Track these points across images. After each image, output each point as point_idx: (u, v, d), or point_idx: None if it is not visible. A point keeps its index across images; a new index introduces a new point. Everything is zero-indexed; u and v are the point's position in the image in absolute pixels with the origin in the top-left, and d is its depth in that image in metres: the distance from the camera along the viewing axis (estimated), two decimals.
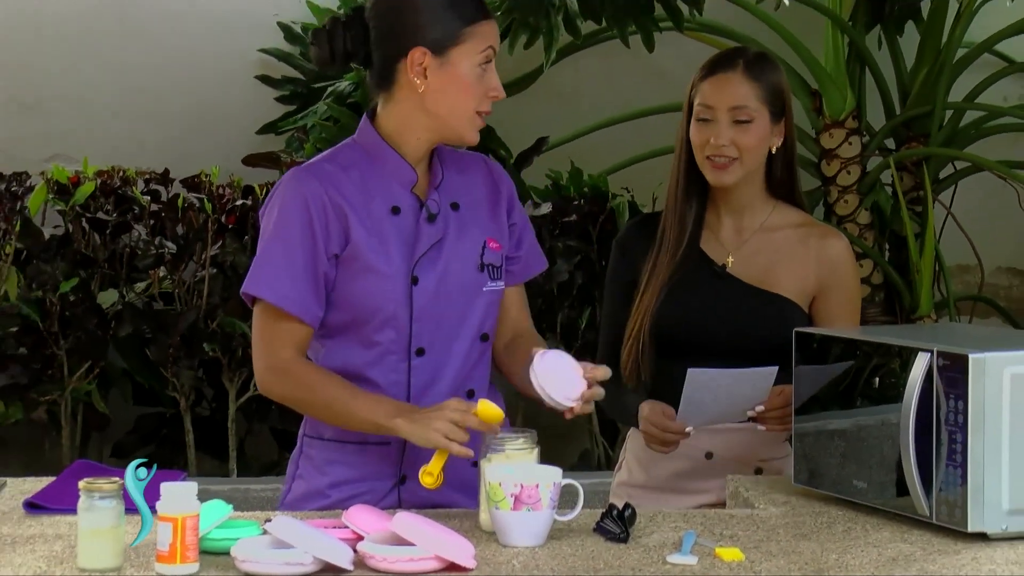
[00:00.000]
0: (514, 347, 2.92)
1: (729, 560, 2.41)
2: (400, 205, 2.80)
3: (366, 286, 2.77)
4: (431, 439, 2.61)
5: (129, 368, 5.48)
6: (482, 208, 2.89)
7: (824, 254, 3.18)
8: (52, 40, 5.96)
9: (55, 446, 5.35)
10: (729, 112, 3.10)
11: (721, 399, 3.01)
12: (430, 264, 2.79)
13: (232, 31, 6.07)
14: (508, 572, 2.35)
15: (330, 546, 2.31)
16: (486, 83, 2.76)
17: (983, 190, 6.01)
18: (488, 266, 2.85)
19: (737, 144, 3.10)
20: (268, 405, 5.43)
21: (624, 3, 4.74)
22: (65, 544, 2.45)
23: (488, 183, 2.92)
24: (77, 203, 5.39)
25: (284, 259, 2.75)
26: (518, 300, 2.97)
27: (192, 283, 5.33)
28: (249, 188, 5.48)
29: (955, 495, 2.52)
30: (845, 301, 3.20)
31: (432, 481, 2.61)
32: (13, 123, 5.92)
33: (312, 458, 2.87)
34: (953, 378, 2.52)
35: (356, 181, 2.79)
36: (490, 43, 2.77)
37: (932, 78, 5.63)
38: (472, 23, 2.74)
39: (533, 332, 2.98)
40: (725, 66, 3.16)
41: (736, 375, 2.99)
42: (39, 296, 5.22)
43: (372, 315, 2.78)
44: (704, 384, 2.98)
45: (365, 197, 2.78)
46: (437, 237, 2.80)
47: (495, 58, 2.79)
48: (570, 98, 6.02)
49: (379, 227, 2.78)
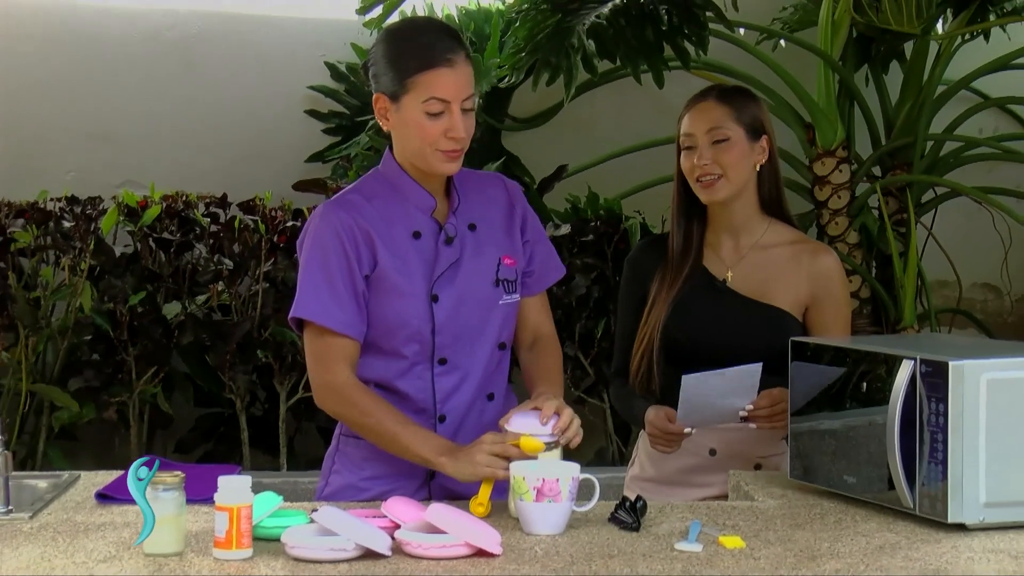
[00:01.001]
0: (535, 351, 2.93)
1: (731, 547, 2.40)
2: (421, 229, 2.79)
3: (392, 305, 2.77)
4: (477, 473, 2.60)
5: (190, 373, 5.49)
6: (498, 227, 2.87)
7: (816, 268, 3.17)
8: (124, 79, 5.98)
9: (124, 443, 5.36)
10: (707, 135, 3.12)
11: (714, 399, 3.01)
12: (449, 282, 2.78)
13: (284, 71, 6.08)
14: (531, 558, 2.34)
15: (370, 534, 2.31)
16: (442, 125, 2.71)
17: (961, 213, 5.99)
18: (503, 281, 2.84)
19: (718, 162, 3.10)
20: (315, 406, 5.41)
21: (636, 44, 4.74)
22: (132, 531, 2.45)
23: (504, 203, 2.90)
24: (145, 224, 5.41)
25: (326, 284, 2.74)
26: (537, 308, 2.96)
27: (247, 296, 5.33)
28: (299, 211, 5.50)
29: (936, 489, 2.50)
30: (836, 311, 3.18)
31: (484, 510, 2.59)
32: (89, 153, 5.94)
33: (348, 455, 2.87)
34: (934, 383, 2.51)
35: (380, 209, 2.79)
36: (432, 93, 2.70)
37: (914, 112, 5.61)
38: (415, 74, 2.70)
39: (552, 337, 2.97)
40: (700, 98, 3.20)
41: (724, 374, 2.99)
42: (110, 308, 5.24)
43: (398, 331, 2.77)
44: (698, 386, 2.98)
45: (388, 223, 2.78)
46: (455, 257, 2.79)
47: (462, 99, 2.70)
48: (587, 130, 6.02)
49: (402, 251, 2.77)
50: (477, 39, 5.85)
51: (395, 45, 2.74)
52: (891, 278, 5.53)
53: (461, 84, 2.71)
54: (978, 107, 5.92)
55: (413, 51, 2.71)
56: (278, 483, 4.71)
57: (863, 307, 5.49)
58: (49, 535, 2.47)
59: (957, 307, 6.07)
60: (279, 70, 6.08)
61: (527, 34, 4.89)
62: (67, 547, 2.39)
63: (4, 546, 2.40)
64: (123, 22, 6.00)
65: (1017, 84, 6.08)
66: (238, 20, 6.09)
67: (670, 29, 4.77)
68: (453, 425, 2.80)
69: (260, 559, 2.32)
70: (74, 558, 2.32)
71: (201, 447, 5.54)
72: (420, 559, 2.31)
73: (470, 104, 2.74)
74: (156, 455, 4.34)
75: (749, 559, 2.34)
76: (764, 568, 2.29)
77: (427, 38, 2.73)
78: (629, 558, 2.34)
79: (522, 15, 4.99)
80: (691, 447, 3.14)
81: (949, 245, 5.92)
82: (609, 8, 4.72)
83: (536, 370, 2.89)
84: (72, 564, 2.28)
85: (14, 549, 2.38)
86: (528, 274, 2.92)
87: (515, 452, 2.58)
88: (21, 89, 5.92)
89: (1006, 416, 2.50)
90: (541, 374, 2.87)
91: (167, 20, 6.04)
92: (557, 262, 2.99)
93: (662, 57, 4.81)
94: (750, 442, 3.14)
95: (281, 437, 5.36)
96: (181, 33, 6.04)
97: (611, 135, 5.87)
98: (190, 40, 6.04)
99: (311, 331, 2.77)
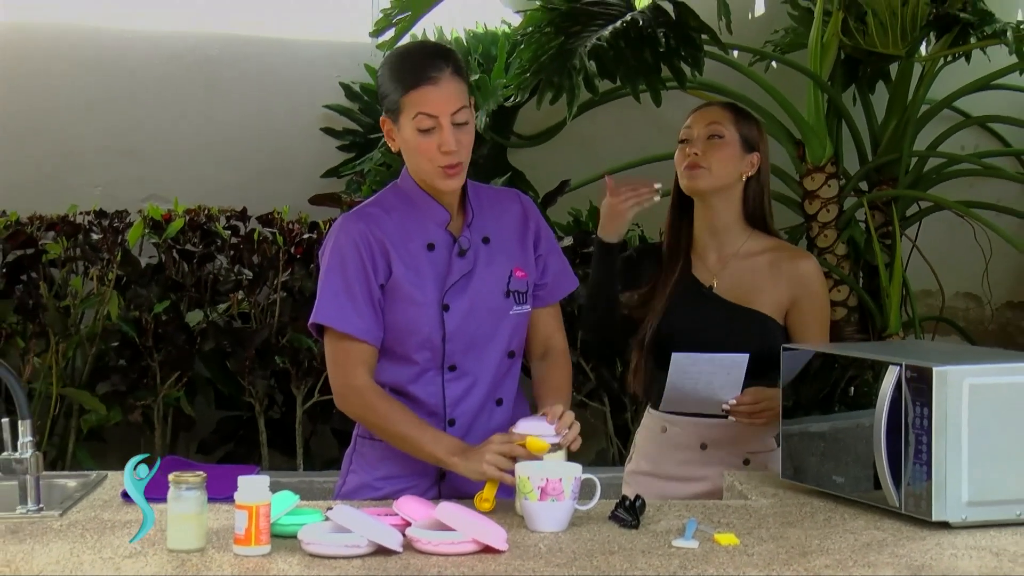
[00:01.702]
0: (546, 364, 2.91)
1: (726, 544, 2.40)
2: (435, 242, 2.79)
3: (405, 312, 2.76)
4: (484, 472, 2.60)
5: (212, 377, 5.49)
6: (512, 240, 2.86)
7: (795, 273, 3.18)
8: (149, 99, 5.99)
9: (149, 444, 5.36)
10: (704, 129, 3.17)
11: (700, 383, 3.03)
12: (460, 292, 2.77)
13: (300, 91, 6.09)
14: (535, 554, 2.34)
15: (383, 531, 2.31)
16: (435, 140, 2.69)
17: (944, 226, 5.99)
18: (514, 292, 2.83)
19: (708, 155, 3.14)
20: (330, 409, 5.43)
21: (635, 65, 4.74)
22: (156, 528, 2.44)
23: (519, 217, 2.89)
24: (169, 236, 5.42)
25: (345, 292, 2.74)
26: (549, 319, 2.94)
27: (265, 305, 5.33)
28: (315, 224, 5.50)
29: (921, 489, 2.50)
30: (815, 311, 3.19)
31: (489, 506, 2.60)
32: (116, 169, 5.95)
33: (365, 455, 2.86)
34: (919, 388, 2.50)
35: (396, 222, 2.78)
36: (419, 109, 2.68)
37: (899, 130, 5.61)
38: (404, 94, 2.70)
39: (564, 351, 2.95)
40: (706, 104, 3.28)
41: (713, 359, 3.02)
42: (136, 316, 5.24)
43: (410, 337, 2.77)
44: (686, 367, 3.02)
45: (404, 235, 2.77)
46: (467, 269, 2.79)
47: (451, 113, 2.67)
48: (589, 146, 6.02)
49: (416, 261, 2.77)
50: (484, 60, 5.85)
51: (389, 70, 2.74)
52: (877, 288, 5.53)
53: (446, 99, 2.68)
54: (960, 125, 5.93)
55: (401, 73, 2.71)
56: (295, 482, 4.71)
57: (851, 315, 5.49)
58: (78, 532, 2.47)
59: (940, 315, 6.06)
60: (296, 90, 6.09)
61: (532, 55, 4.89)
62: (95, 543, 2.39)
63: (35, 542, 2.40)
64: (148, 45, 6.01)
65: (997, 103, 6.09)
66: (257, 43, 6.10)
67: (667, 51, 4.78)
68: (462, 429, 2.79)
69: (278, 555, 2.31)
70: (101, 554, 2.32)
71: (222, 448, 5.53)
72: (430, 555, 2.31)
73: (463, 117, 2.70)
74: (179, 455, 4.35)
75: (743, 555, 2.34)
76: (757, 564, 2.28)
77: (413, 60, 2.73)
78: (628, 554, 2.34)
79: (527, 37, 5.00)
80: (683, 441, 3.16)
81: (933, 256, 5.91)
82: (610, 31, 4.72)
83: (546, 383, 2.87)
84: (99, 560, 2.28)
85: (45, 545, 2.38)
86: (540, 286, 2.91)
87: (522, 452, 2.59)
88: (53, 109, 5.94)
89: (987, 419, 2.50)
90: (551, 387, 2.85)
91: (189, 43, 6.05)
92: (570, 275, 2.97)
93: (660, 77, 4.81)
94: (739, 438, 3.15)
95: (298, 439, 5.35)
96: (202, 55, 6.05)
97: (611, 151, 5.87)
98: (211, 62, 6.05)
99: (331, 336, 2.77)
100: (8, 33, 5.91)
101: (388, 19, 5.36)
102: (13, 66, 5.89)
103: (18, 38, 5.91)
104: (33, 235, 5.36)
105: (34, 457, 2.68)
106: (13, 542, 2.40)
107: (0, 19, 5.94)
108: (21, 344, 5.09)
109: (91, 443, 5.38)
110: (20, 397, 2.72)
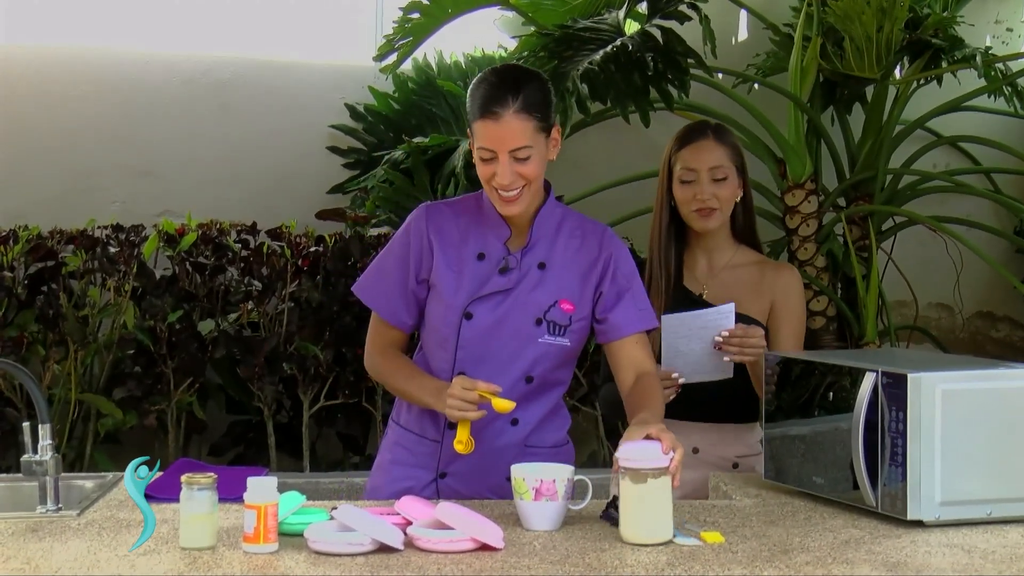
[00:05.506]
0: (639, 384, 2.76)
1: (711, 542, 2.39)
2: (486, 253, 2.77)
3: (435, 309, 2.78)
4: (448, 414, 2.64)
5: (223, 383, 5.47)
6: (571, 272, 2.78)
7: (778, 283, 3.23)
8: (164, 120, 5.99)
9: (163, 447, 5.35)
10: (709, 172, 3.17)
11: (694, 341, 3.03)
12: (490, 306, 2.74)
13: (307, 111, 6.09)
14: (530, 551, 2.33)
15: (385, 529, 2.30)
16: (492, 169, 2.67)
17: (917, 240, 6.00)
18: (550, 322, 2.75)
19: (717, 196, 3.17)
20: (335, 414, 5.43)
21: (625, 88, 4.75)
22: (170, 527, 2.44)
23: (593, 252, 2.80)
24: (182, 250, 5.41)
25: (381, 273, 2.82)
26: (630, 349, 2.78)
27: (274, 314, 5.32)
28: (321, 237, 5.49)
29: (897, 489, 2.50)
30: (790, 316, 3.22)
31: (463, 448, 2.63)
32: (132, 186, 5.94)
33: (387, 436, 2.93)
34: (895, 393, 2.50)
35: (461, 226, 2.78)
36: (480, 143, 2.66)
37: (875, 149, 5.62)
38: (473, 120, 2.68)
39: (654, 373, 2.80)
40: (698, 136, 3.23)
41: (699, 315, 3.04)
42: (151, 325, 5.23)
43: (433, 334, 2.80)
44: (678, 327, 3.03)
45: (461, 239, 2.77)
46: (506, 287, 2.74)
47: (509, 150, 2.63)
48: (581, 165, 6.02)
49: (462, 265, 2.76)
50: None
51: (470, 91, 2.70)
52: (855, 298, 5.53)
53: (506, 136, 2.62)
54: (932, 145, 5.94)
55: (473, 99, 2.68)
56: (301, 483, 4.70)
57: (829, 324, 5.49)
58: (95, 531, 2.46)
59: (914, 324, 6.06)
60: (303, 111, 6.09)
61: None
62: (111, 541, 2.38)
63: (54, 541, 2.39)
64: (163, 69, 6.01)
65: (967, 124, 6.10)
66: (267, 66, 6.10)
67: (655, 74, 4.78)
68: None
69: (285, 552, 2.31)
70: (117, 551, 2.31)
71: (232, 451, 5.52)
72: (430, 552, 2.31)
73: (524, 154, 2.64)
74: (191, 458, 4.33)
75: (728, 552, 2.33)
76: (742, 561, 2.28)
77: (483, 89, 2.66)
78: (619, 552, 2.33)
79: (523, 61, 5.00)
80: None
81: (907, 269, 5.92)
82: (601, 55, 4.72)
83: (639, 399, 2.70)
84: (115, 557, 2.28)
85: (63, 543, 2.37)
86: (603, 321, 2.78)
87: (473, 397, 2.59)
88: (74, 129, 5.93)
89: (959, 423, 2.50)
90: (644, 401, 2.68)
91: (202, 66, 6.04)
92: (644, 316, 2.81)
93: (648, 99, 4.81)
94: (729, 443, 3.16)
95: (304, 442, 5.34)
96: (215, 78, 6.05)
97: (602, 169, 5.87)
98: (223, 84, 6.04)
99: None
100: (34, 58, 5.91)
101: (391, 44, 5.37)
102: (38, 89, 5.89)
103: (43, 63, 5.91)
104: (54, 248, 5.35)
105: (53, 459, 2.68)
106: (33, 540, 2.39)
107: (27, 44, 5.94)
108: (42, 352, 5.08)
109: (108, 446, 5.36)
110: (40, 402, 2.71)
